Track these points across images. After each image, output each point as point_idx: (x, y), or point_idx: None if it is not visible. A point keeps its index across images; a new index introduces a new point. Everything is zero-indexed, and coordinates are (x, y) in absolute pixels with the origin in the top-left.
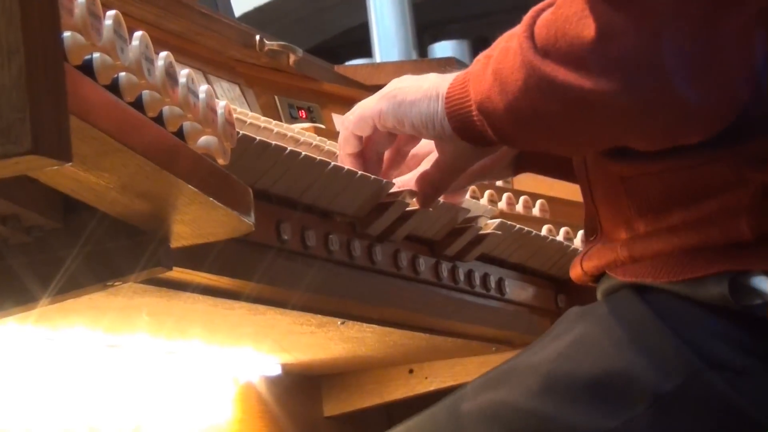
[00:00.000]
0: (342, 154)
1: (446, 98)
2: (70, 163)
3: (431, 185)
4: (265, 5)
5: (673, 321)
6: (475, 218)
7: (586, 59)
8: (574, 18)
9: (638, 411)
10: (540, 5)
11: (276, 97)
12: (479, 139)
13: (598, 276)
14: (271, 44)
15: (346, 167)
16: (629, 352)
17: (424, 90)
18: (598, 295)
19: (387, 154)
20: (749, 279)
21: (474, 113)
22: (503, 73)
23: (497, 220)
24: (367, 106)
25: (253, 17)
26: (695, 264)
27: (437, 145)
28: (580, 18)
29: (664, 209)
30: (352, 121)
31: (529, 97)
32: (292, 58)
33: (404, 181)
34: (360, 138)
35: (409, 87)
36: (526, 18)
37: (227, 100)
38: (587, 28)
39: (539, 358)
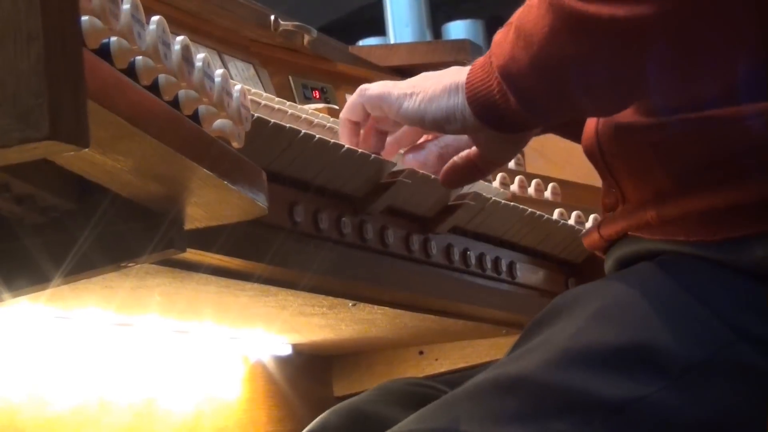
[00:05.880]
0: (344, 117)
1: (467, 84)
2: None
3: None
4: None
5: (701, 292)
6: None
7: None
8: None
9: (667, 381)
10: None
11: (290, 77)
12: (501, 119)
13: (615, 241)
14: (285, 24)
15: (360, 150)
16: (656, 324)
17: (443, 84)
18: (609, 264)
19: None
20: None
21: (495, 90)
22: (527, 27)
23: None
24: (389, 95)
25: None
26: (734, 223)
27: (472, 140)
28: None
29: (699, 169)
30: (369, 97)
31: (557, 42)
32: (306, 39)
33: (419, 160)
34: (366, 112)
35: (430, 83)
36: None
37: (241, 80)
38: None
39: (553, 336)
